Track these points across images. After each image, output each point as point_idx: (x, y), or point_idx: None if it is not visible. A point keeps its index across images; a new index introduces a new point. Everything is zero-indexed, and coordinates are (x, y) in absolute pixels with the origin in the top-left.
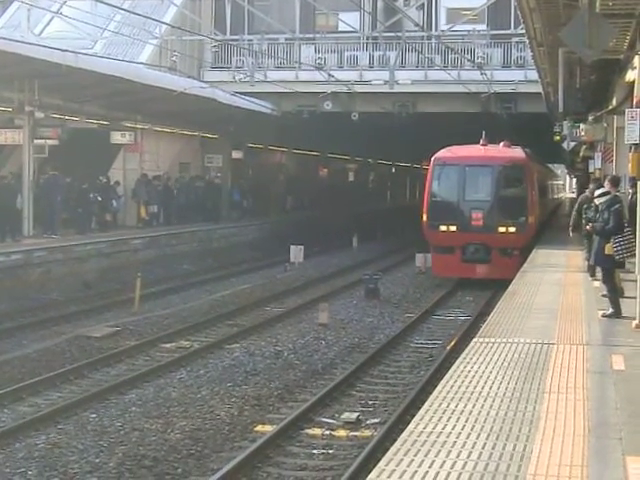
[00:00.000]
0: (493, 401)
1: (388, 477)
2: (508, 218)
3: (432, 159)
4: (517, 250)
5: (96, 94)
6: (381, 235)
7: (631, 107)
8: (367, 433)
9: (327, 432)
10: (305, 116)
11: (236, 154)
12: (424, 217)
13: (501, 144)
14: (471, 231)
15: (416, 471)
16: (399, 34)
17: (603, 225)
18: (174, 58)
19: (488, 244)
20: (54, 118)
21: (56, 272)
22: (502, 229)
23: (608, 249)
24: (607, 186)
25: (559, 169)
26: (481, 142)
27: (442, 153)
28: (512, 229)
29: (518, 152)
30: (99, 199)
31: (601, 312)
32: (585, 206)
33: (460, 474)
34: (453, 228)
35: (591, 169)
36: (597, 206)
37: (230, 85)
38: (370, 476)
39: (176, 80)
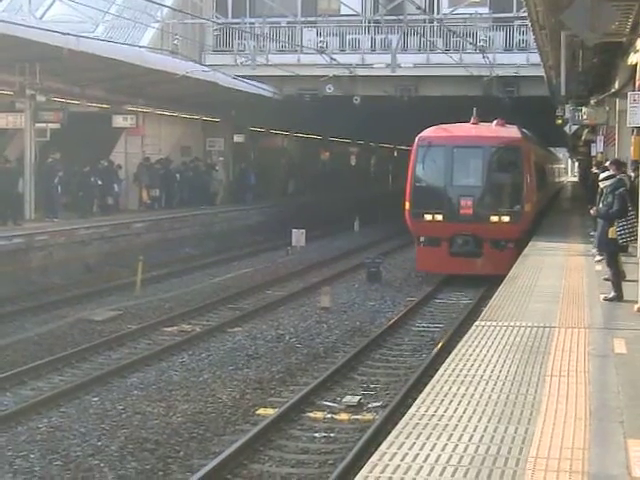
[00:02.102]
0: (495, 384)
1: (390, 460)
2: (501, 206)
3: (416, 139)
4: (511, 242)
5: (98, 78)
6: (383, 219)
7: (634, 90)
8: (369, 416)
9: (329, 415)
10: (307, 99)
11: (238, 138)
12: (406, 205)
13: (494, 122)
14: (459, 221)
15: (418, 454)
16: (401, 17)
17: (607, 209)
18: (176, 41)
19: (479, 235)
20: (55, 102)
21: (58, 256)
22: (495, 218)
23: (612, 233)
24: (612, 169)
25: (561, 152)
26: (472, 120)
27: (427, 132)
28: (506, 218)
29: (513, 132)
30: (100, 183)
31: (603, 295)
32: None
33: (462, 457)
34: (439, 217)
35: (593, 152)
36: (602, 190)
37: (232, 68)
38: (372, 459)
39: (178, 63)
